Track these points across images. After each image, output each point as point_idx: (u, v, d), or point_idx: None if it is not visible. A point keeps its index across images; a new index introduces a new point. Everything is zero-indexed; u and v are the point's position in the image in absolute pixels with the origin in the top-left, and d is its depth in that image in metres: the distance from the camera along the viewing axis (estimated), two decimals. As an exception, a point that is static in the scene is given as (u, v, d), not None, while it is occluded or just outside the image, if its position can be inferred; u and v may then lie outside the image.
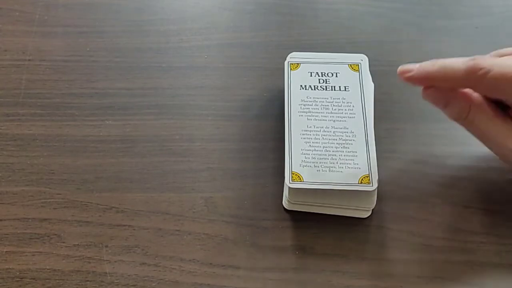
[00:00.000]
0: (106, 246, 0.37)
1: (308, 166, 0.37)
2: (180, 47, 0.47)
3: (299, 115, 0.39)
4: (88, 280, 0.36)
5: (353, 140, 0.38)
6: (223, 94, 0.44)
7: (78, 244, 0.37)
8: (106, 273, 0.36)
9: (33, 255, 0.37)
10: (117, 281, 0.36)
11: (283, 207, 0.39)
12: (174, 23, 0.48)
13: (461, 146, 0.42)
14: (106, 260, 0.37)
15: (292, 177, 0.37)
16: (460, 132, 0.37)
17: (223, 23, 0.48)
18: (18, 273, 0.36)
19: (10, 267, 0.37)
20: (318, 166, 0.37)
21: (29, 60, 0.46)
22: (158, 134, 0.42)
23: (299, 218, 0.39)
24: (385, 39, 0.47)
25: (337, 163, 0.37)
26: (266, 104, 0.44)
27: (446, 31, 0.49)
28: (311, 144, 0.38)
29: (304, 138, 0.38)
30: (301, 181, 0.36)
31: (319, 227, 0.38)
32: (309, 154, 0.38)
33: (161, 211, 0.39)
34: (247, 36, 0.47)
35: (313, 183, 0.36)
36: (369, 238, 0.38)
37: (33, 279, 0.36)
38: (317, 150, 0.38)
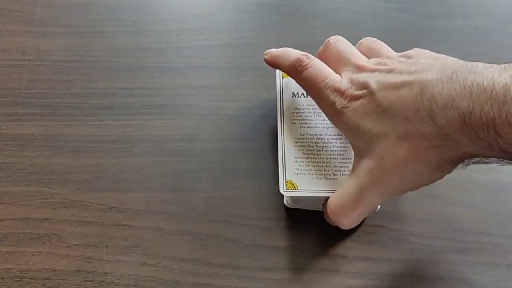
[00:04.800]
0: (106, 246, 0.37)
1: (302, 174, 0.37)
2: (180, 47, 0.47)
3: (292, 123, 0.39)
4: (88, 280, 0.36)
5: (347, 146, 0.38)
6: (223, 94, 0.44)
7: (78, 244, 0.37)
8: (106, 273, 0.36)
9: (33, 255, 0.37)
10: (117, 281, 0.36)
11: (284, 206, 0.39)
12: (174, 23, 0.48)
13: (461, 146, 0.42)
14: (106, 260, 0.37)
15: (286, 185, 0.36)
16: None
17: (223, 23, 0.48)
18: (18, 273, 0.36)
19: (10, 267, 0.37)
20: (313, 174, 0.37)
21: (29, 60, 0.46)
22: (158, 134, 0.42)
23: (299, 218, 0.39)
24: (385, 39, 0.47)
25: (331, 170, 0.37)
26: (266, 104, 0.44)
27: (446, 31, 0.49)
28: (304, 152, 0.38)
29: (297, 146, 0.38)
30: (295, 189, 0.36)
31: (319, 227, 0.38)
32: (303, 162, 0.37)
33: (161, 211, 0.39)
34: (247, 36, 0.47)
35: (307, 191, 0.36)
36: (369, 238, 0.38)
37: (33, 279, 0.36)
38: (311, 158, 0.37)
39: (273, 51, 0.39)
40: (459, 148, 0.30)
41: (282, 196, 0.39)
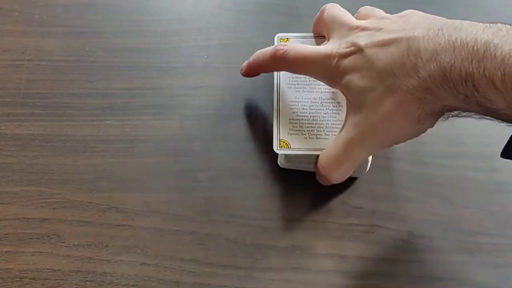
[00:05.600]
0: (106, 246, 0.37)
1: (295, 134, 0.38)
2: (179, 47, 0.47)
3: (288, 87, 0.40)
4: (88, 280, 0.36)
5: (340, 110, 0.39)
6: (223, 94, 0.44)
7: (78, 244, 0.37)
8: (106, 273, 0.36)
9: (33, 255, 0.37)
10: (117, 281, 0.36)
11: (284, 206, 0.39)
12: (173, 23, 0.48)
13: (461, 146, 0.42)
14: (106, 260, 0.37)
15: (280, 144, 0.38)
16: (460, 132, 0.37)
17: (223, 23, 0.48)
18: (18, 273, 0.36)
19: (10, 267, 0.37)
20: (306, 134, 0.38)
21: (28, 60, 0.46)
22: (158, 134, 0.42)
23: (299, 218, 0.39)
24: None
25: (323, 131, 0.38)
26: (266, 104, 0.44)
27: (445, 31, 0.48)
28: (298, 114, 0.39)
29: (292, 108, 0.39)
30: (288, 148, 0.37)
31: (319, 227, 0.39)
32: (296, 123, 0.38)
33: (161, 211, 0.39)
34: (247, 36, 0.47)
35: (300, 149, 0.37)
36: (369, 238, 0.38)
37: (33, 279, 0.36)
38: (305, 119, 0.39)
39: (245, 63, 0.41)
40: (439, 101, 0.31)
41: (283, 197, 0.39)
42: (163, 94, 0.44)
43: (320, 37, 0.41)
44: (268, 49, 0.38)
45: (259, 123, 0.43)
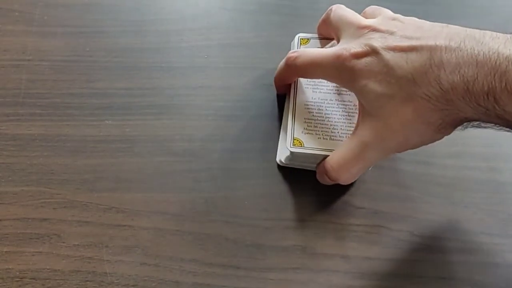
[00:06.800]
0: (106, 246, 0.37)
1: (309, 134, 0.38)
2: (180, 47, 0.47)
3: (305, 87, 0.40)
4: (88, 280, 0.36)
5: (356, 112, 0.39)
6: (223, 94, 0.44)
7: (78, 244, 0.37)
8: (106, 273, 0.36)
9: (33, 255, 0.37)
10: (117, 281, 0.36)
11: (284, 206, 0.39)
12: (174, 23, 0.48)
13: (461, 146, 0.42)
14: (106, 260, 0.37)
15: (293, 142, 0.38)
16: (462, 133, 0.37)
17: (223, 23, 0.48)
18: (18, 273, 0.36)
19: (10, 267, 0.37)
20: (320, 134, 0.38)
21: (28, 60, 0.46)
22: (158, 134, 0.42)
23: (299, 218, 0.39)
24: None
25: (338, 132, 0.38)
26: (266, 104, 0.44)
27: (446, 31, 0.48)
28: (314, 114, 0.39)
29: (308, 108, 0.39)
30: (301, 146, 0.37)
31: (320, 227, 0.38)
32: (311, 122, 0.39)
33: (161, 211, 0.39)
34: (247, 36, 0.47)
35: (313, 148, 0.37)
36: (369, 238, 0.38)
37: (33, 279, 0.36)
38: (320, 120, 0.39)
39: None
40: (460, 112, 0.31)
41: (283, 197, 0.39)
42: (163, 94, 0.44)
43: None
44: (282, 62, 0.39)
45: (259, 123, 0.43)
